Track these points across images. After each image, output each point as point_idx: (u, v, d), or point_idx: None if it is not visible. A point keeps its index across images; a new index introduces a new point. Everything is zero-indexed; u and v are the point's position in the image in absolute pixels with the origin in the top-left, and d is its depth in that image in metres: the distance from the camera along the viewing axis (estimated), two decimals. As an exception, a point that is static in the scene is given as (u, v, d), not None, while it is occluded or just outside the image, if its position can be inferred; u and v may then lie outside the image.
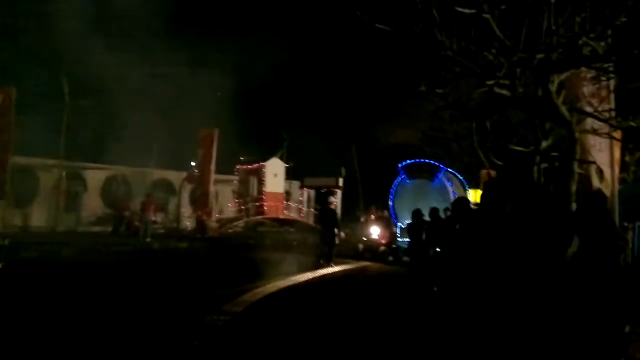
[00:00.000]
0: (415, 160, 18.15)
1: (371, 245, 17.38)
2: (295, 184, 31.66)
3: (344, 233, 18.23)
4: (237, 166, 29.67)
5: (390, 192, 17.82)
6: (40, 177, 26.56)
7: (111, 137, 27.61)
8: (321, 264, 13.80)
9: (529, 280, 5.38)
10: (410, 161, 17.98)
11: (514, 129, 8.54)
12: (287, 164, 29.68)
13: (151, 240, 20.37)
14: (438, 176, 17.21)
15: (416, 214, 11.42)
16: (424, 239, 10.79)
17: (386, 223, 17.80)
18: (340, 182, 29.70)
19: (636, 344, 5.51)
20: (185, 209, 29.55)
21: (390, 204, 17.85)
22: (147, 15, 25.76)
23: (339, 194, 28.03)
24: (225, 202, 30.06)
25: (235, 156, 30.55)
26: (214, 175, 26.97)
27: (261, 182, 28.13)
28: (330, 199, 15.65)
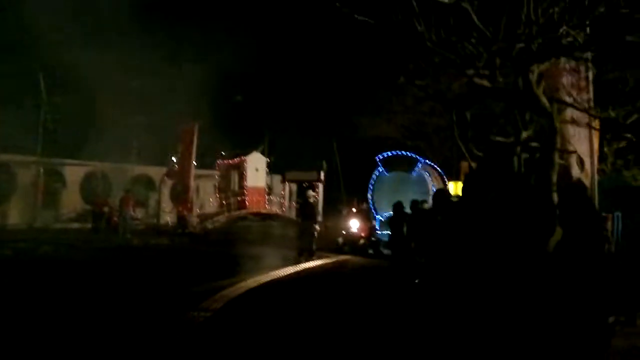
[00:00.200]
0: (393, 152, 18.08)
1: (351, 239, 17.31)
2: (276, 178, 31.50)
3: (321, 227, 18.08)
4: (218, 161, 29.43)
5: (369, 185, 17.77)
6: (18, 174, 26.18)
7: (90, 133, 27.32)
8: (302, 258, 13.76)
9: (511, 272, 5.35)
10: (389, 153, 17.91)
11: (494, 120, 8.53)
12: (269, 158, 29.52)
13: (131, 236, 20.13)
14: (416, 168, 17.21)
15: (397, 206, 11.37)
16: (405, 231, 10.75)
17: (365, 216, 17.72)
18: (322, 176, 29.61)
19: (621, 334, 5.51)
20: (166, 205, 29.30)
21: (369, 196, 17.79)
22: (127, 10, 25.39)
23: (321, 188, 27.97)
24: (206, 197, 29.82)
25: (216, 151, 30.33)
26: (194, 170, 26.74)
27: (242, 177, 27.91)
28: (309, 193, 15.53)
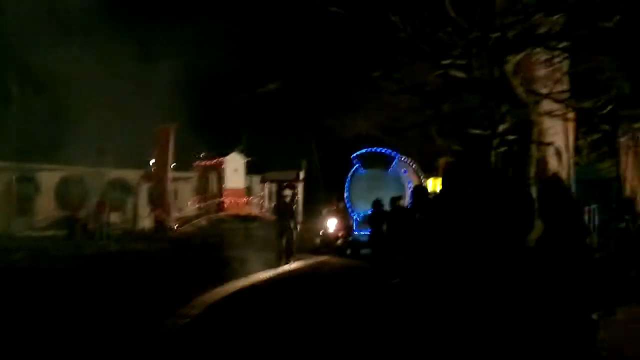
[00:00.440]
0: (368, 149, 17.86)
1: (328, 239, 16.92)
2: (256, 179, 31.21)
3: (300, 227, 17.76)
4: (196, 162, 29.01)
5: (346, 183, 17.52)
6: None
7: (64, 137, 26.71)
8: (281, 261, 13.51)
9: (492, 267, 5.23)
10: (364, 151, 17.71)
11: (470, 113, 8.41)
12: (248, 158, 29.17)
13: (108, 242, 19.74)
14: (392, 165, 17.06)
15: (376, 204, 11.27)
16: (385, 229, 10.65)
17: (342, 215, 17.37)
18: (302, 176, 29.38)
19: (605, 329, 5.41)
20: (143, 209, 28.80)
21: (345, 195, 17.53)
22: (100, 9, 24.90)
23: (301, 188, 27.72)
24: (184, 200, 29.38)
25: (194, 152, 29.89)
26: (172, 173, 26.32)
27: (221, 178, 27.54)
28: (285, 192, 15.01)
